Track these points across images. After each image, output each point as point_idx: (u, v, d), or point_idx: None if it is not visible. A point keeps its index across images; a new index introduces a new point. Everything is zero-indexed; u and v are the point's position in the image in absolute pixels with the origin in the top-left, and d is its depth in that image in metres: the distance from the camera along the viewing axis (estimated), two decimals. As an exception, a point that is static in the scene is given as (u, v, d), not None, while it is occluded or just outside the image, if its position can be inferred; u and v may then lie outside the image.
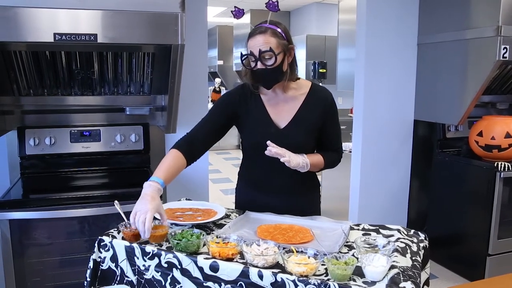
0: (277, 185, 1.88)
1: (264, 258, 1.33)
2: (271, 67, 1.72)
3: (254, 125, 1.86)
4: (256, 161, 1.88)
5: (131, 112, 2.80)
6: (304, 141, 1.83)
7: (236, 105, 1.87)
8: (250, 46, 1.74)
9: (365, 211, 3.65)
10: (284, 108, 1.85)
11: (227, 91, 1.97)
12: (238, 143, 9.30)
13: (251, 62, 1.75)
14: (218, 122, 1.89)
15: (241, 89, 1.90)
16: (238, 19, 1.86)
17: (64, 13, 2.08)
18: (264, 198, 1.89)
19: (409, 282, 1.25)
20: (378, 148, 3.56)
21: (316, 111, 1.84)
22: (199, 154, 1.86)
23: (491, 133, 3.25)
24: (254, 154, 1.89)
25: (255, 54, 1.72)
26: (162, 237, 1.51)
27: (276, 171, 1.81)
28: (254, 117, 1.86)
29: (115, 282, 1.55)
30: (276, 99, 1.86)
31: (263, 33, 1.72)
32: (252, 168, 1.94)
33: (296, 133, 1.82)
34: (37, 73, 2.56)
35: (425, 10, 3.58)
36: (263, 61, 1.71)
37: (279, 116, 1.85)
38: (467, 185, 3.39)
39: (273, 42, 1.71)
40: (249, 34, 1.77)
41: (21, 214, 2.21)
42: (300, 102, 1.85)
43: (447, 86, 3.41)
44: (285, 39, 1.75)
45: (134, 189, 2.65)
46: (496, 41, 2.93)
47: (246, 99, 1.88)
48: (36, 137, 2.66)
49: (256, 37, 1.73)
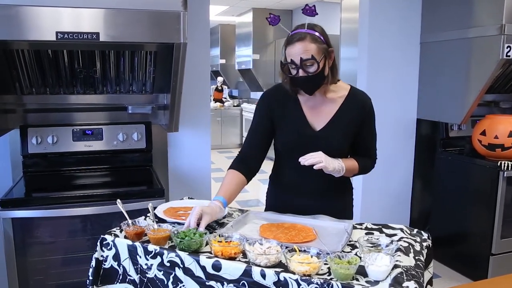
0: (310, 187, 1.84)
1: (266, 257, 1.33)
2: (313, 74, 1.67)
3: (289, 126, 1.82)
4: (288, 162, 1.83)
5: (133, 110, 2.81)
6: (339, 144, 1.79)
7: (274, 106, 1.84)
8: (290, 54, 1.68)
9: (367, 210, 3.65)
10: (322, 110, 1.81)
11: (263, 92, 1.93)
12: (240, 142, 9.30)
13: (291, 69, 1.70)
14: (266, 127, 1.85)
15: (278, 90, 1.86)
16: (273, 25, 1.81)
17: (66, 12, 2.08)
18: (297, 200, 1.85)
19: (412, 281, 1.25)
20: (380, 147, 3.53)
21: (354, 115, 1.80)
22: (255, 165, 1.85)
23: (494, 132, 3.24)
24: (286, 155, 1.85)
25: (296, 62, 1.66)
26: (164, 240, 1.51)
27: (308, 173, 1.75)
28: (290, 118, 1.82)
29: (117, 281, 1.55)
30: (314, 101, 1.82)
31: (302, 40, 1.65)
32: (284, 170, 1.89)
33: (332, 136, 1.78)
34: (39, 72, 2.56)
35: (428, 8, 3.57)
36: (304, 69, 1.66)
37: (316, 118, 1.81)
38: (470, 185, 3.38)
39: (313, 49, 1.65)
40: (286, 41, 1.70)
41: (23, 213, 2.21)
42: (338, 105, 1.81)
43: (450, 84, 3.40)
44: (324, 42, 1.69)
45: (136, 187, 2.67)
46: (500, 39, 2.91)
47: (283, 99, 1.83)
48: (38, 135, 2.66)
49: (295, 44, 1.66)
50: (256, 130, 1.88)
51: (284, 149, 1.85)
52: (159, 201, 2.15)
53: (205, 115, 3.21)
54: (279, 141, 1.85)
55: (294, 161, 1.73)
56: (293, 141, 1.80)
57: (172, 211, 1.78)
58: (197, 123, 3.17)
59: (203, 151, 3.24)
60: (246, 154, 1.86)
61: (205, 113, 3.22)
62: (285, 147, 1.84)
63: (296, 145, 1.78)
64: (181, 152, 3.17)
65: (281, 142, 1.84)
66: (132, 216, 1.66)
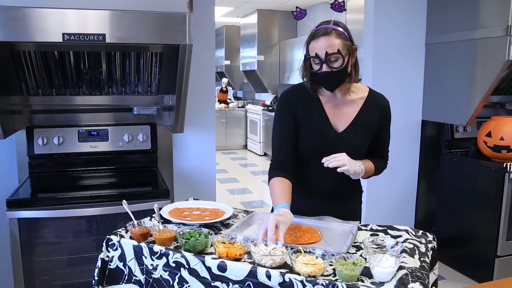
0: (326, 189, 1.83)
1: (272, 258, 1.33)
2: (337, 69, 1.67)
3: (312, 127, 1.79)
4: (310, 163, 1.82)
5: (138, 111, 2.81)
6: (361, 145, 1.79)
7: (296, 105, 1.81)
8: (315, 48, 1.66)
9: (372, 211, 3.64)
10: (343, 111, 1.80)
11: (282, 93, 1.90)
12: (244, 143, 9.31)
13: (314, 64, 1.69)
14: (291, 128, 1.81)
15: (299, 90, 1.83)
16: (299, 19, 1.81)
17: (72, 13, 2.09)
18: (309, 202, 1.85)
19: (417, 283, 1.25)
20: (385, 149, 3.55)
21: (374, 116, 1.80)
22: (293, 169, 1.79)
23: (500, 133, 3.23)
24: (308, 156, 1.82)
25: (321, 56, 1.65)
26: (170, 240, 1.51)
27: (328, 175, 1.76)
28: (312, 119, 1.80)
29: (123, 281, 1.56)
30: (335, 101, 1.81)
31: (328, 35, 1.64)
32: (304, 171, 1.85)
33: (355, 137, 1.78)
34: (45, 73, 2.58)
35: (434, 9, 3.56)
36: (329, 64, 1.65)
37: (338, 119, 1.80)
38: (475, 186, 3.37)
39: (339, 44, 1.65)
40: (310, 35, 1.69)
41: (29, 213, 2.23)
42: (359, 106, 1.80)
43: (456, 86, 3.39)
44: (348, 39, 1.69)
45: (141, 188, 2.68)
46: (505, 41, 2.90)
47: (304, 99, 1.82)
48: (44, 136, 2.67)
49: (320, 39, 1.65)
50: (284, 132, 1.82)
51: (306, 150, 1.81)
52: (164, 202, 2.15)
53: (210, 116, 3.22)
54: (301, 143, 1.81)
55: (314, 162, 1.72)
56: (317, 142, 1.78)
57: (177, 212, 1.78)
58: (202, 124, 3.18)
59: (208, 152, 3.24)
60: (279, 160, 1.80)
61: (210, 114, 3.22)
62: (308, 149, 1.81)
63: (319, 147, 1.76)
64: (186, 153, 3.18)
65: (304, 144, 1.81)
66: (138, 216, 1.67)
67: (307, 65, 1.73)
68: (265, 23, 7.97)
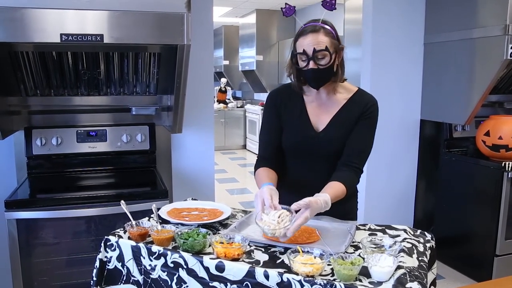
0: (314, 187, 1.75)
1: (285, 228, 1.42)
2: (323, 67, 1.67)
3: (294, 126, 1.82)
4: (294, 161, 1.84)
5: (137, 112, 2.81)
6: (341, 145, 1.76)
7: (281, 104, 1.84)
8: (302, 45, 1.67)
9: (371, 211, 3.64)
10: (324, 110, 1.80)
11: (270, 92, 1.91)
12: (244, 143, 9.31)
13: (301, 61, 1.70)
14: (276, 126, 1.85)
15: (285, 89, 1.86)
16: (287, 16, 1.81)
17: (70, 14, 2.09)
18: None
19: (415, 282, 1.25)
20: (384, 148, 3.55)
21: (354, 116, 1.77)
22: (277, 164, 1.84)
23: (499, 132, 3.23)
24: (290, 154, 1.85)
25: (308, 53, 1.66)
26: (168, 240, 1.51)
27: (311, 175, 1.77)
28: (295, 118, 1.82)
29: (121, 282, 1.56)
30: (319, 101, 1.81)
31: (316, 32, 1.66)
32: (289, 169, 1.87)
33: (334, 137, 1.77)
34: (44, 74, 2.57)
35: (432, 9, 3.56)
36: (316, 61, 1.66)
37: (319, 119, 1.80)
38: (474, 185, 3.37)
39: (326, 42, 1.66)
40: (298, 32, 1.70)
41: (28, 214, 2.23)
42: (341, 105, 1.80)
43: (454, 85, 3.39)
44: (336, 38, 1.70)
45: (140, 188, 2.68)
46: (504, 40, 2.90)
47: (289, 99, 1.84)
48: (42, 137, 2.67)
49: (308, 35, 1.66)
50: (268, 129, 1.88)
51: (288, 148, 1.85)
52: (162, 202, 2.15)
53: (208, 116, 3.22)
54: (284, 141, 1.85)
55: (297, 161, 1.73)
56: (297, 141, 1.80)
57: (175, 212, 1.78)
58: (200, 124, 3.18)
59: (207, 152, 3.24)
60: (265, 156, 1.85)
61: (208, 114, 3.22)
62: (290, 147, 1.84)
63: (299, 146, 1.79)
64: (184, 153, 3.17)
65: (286, 142, 1.84)
66: (136, 217, 1.66)
67: (293, 62, 1.74)
68: (264, 23, 7.97)
